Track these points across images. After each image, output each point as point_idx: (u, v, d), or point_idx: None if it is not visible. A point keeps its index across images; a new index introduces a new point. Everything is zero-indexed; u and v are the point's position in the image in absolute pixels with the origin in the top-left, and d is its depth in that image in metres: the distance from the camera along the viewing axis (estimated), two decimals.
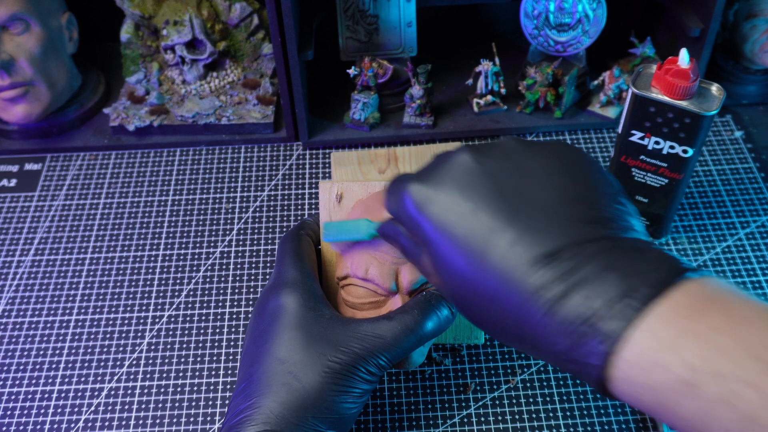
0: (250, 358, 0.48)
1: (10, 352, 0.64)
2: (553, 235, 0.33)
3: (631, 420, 0.57)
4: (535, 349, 0.34)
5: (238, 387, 0.47)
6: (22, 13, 0.74)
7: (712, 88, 0.58)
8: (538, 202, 0.35)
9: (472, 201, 0.36)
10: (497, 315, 0.35)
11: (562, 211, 0.34)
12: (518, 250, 0.33)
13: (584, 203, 0.35)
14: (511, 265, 0.33)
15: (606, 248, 0.33)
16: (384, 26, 0.79)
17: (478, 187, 0.36)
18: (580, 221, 0.34)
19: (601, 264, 0.32)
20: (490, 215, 0.35)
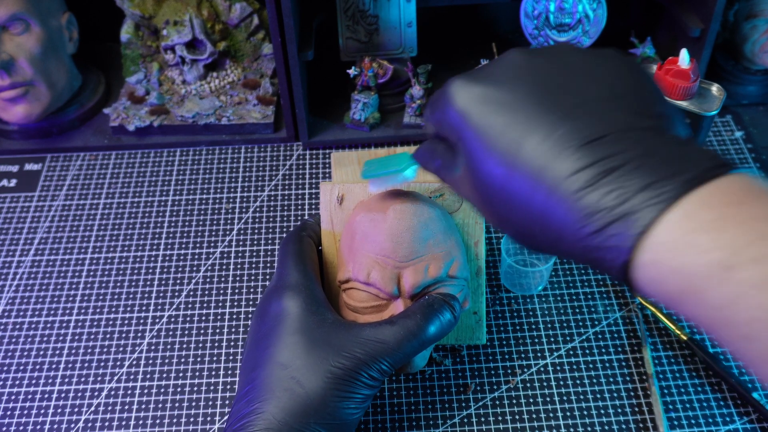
0: (253, 362, 0.48)
1: (10, 352, 0.63)
2: (593, 124, 0.32)
3: (631, 420, 0.57)
4: (560, 241, 0.33)
5: (240, 391, 0.47)
6: (22, 13, 0.74)
7: (713, 89, 0.58)
8: (581, 95, 0.34)
9: (513, 92, 0.35)
10: (526, 209, 0.34)
11: (606, 105, 0.34)
12: (555, 136, 0.33)
13: (629, 98, 0.34)
14: (547, 152, 0.32)
15: (648, 137, 0.32)
16: (384, 26, 0.79)
17: (523, 80, 0.35)
18: (623, 112, 0.33)
19: (642, 149, 0.31)
20: (531, 104, 0.34)
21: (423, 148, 0.44)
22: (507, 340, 0.62)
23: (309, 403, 0.44)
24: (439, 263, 0.51)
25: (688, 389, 0.59)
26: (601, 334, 0.63)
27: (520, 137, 0.33)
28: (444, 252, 0.52)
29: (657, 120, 0.33)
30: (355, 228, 0.53)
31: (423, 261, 0.50)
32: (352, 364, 0.45)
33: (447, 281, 0.52)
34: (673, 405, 0.58)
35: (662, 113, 0.34)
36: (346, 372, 0.45)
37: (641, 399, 0.59)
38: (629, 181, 0.30)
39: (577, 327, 0.63)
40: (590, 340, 0.62)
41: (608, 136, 0.32)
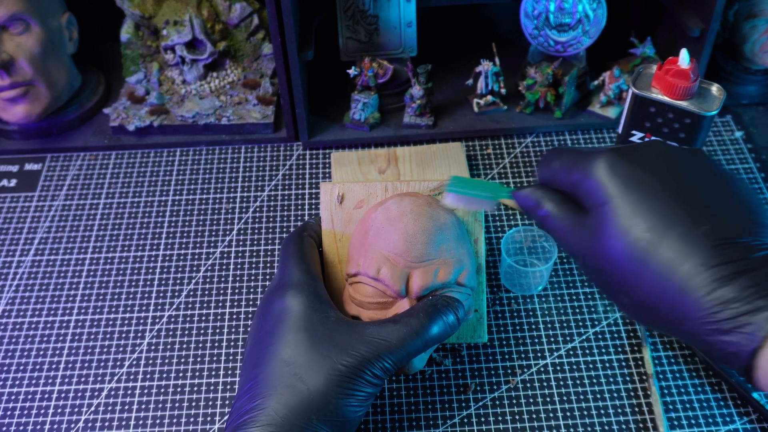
0: (255, 359, 0.48)
1: (10, 352, 0.64)
2: (727, 228, 0.38)
3: (631, 420, 0.57)
4: (683, 321, 0.37)
5: (241, 388, 0.47)
6: (22, 13, 0.74)
7: (712, 89, 0.58)
8: (717, 201, 0.39)
9: (663, 185, 0.40)
10: (657, 289, 0.38)
11: (734, 213, 0.39)
12: (698, 233, 0.38)
13: (750, 208, 0.40)
14: (688, 244, 0.37)
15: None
16: (384, 26, 0.79)
17: (672, 176, 0.40)
18: (747, 222, 0.39)
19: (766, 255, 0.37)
20: (679, 200, 0.39)
21: (529, 194, 0.46)
22: (507, 340, 0.62)
23: (311, 399, 0.44)
24: (449, 268, 0.51)
25: (688, 389, 0.59)
26: (601, 334, 0.63)
27: (666, 225, 0.38)
28: (455, 259, 0.52)
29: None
30: (369, 224, 0.53)
31: (434, 264, 0.51)
32: (355, 361, 0.45)
33: (454, 288, 0.52)
34: (673, 405, 0.58)
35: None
36: (350, 369, 0.45)
37: (641, 399, 0.59)
38: (764, 282, 0.35)
39: (577, 327, 0.63)
40: (590, 340, 0.62)
41: (739, 240, 0.38)
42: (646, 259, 0.38)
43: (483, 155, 0.79)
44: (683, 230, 0.38)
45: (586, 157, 0.43)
